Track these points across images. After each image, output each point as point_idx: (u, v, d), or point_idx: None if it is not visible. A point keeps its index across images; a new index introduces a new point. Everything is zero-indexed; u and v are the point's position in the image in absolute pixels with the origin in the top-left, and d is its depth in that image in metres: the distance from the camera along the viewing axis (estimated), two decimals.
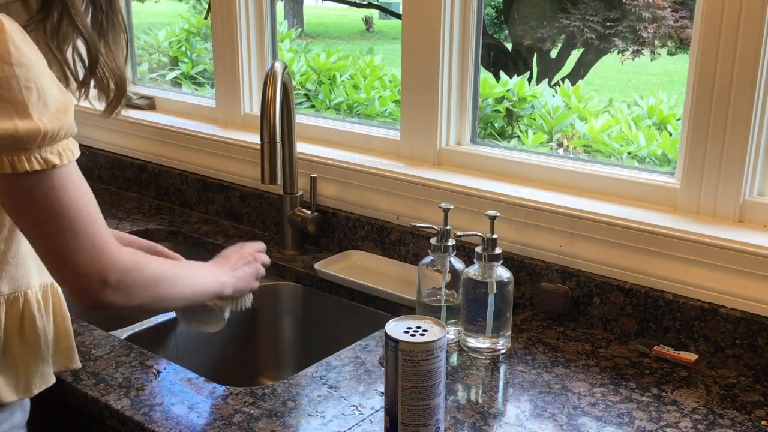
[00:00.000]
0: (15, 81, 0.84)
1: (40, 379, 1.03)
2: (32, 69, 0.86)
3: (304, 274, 1.59)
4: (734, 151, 1.24)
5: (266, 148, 1.43)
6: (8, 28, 0.85)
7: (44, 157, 0.87)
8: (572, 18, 3.39)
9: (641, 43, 3.39)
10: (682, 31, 3.26)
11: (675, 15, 3.24)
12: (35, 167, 0.86)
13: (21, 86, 0.85)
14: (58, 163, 0.88)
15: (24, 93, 0.85)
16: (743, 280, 1.20)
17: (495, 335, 1.24)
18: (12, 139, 0.84)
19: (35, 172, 0.86)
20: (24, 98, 0.85)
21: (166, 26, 3.45)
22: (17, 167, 0.85)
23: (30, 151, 0.86)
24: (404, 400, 0.97)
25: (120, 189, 2.11)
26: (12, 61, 0.84)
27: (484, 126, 2.80)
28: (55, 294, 1.06)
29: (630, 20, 3.31)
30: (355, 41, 6.20)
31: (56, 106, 0.88)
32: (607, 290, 1.32)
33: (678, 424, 1.06)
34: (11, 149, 0.85)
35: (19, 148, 0.85)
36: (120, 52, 1.02)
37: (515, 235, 1.42)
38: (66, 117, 0.89)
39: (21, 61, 0.85)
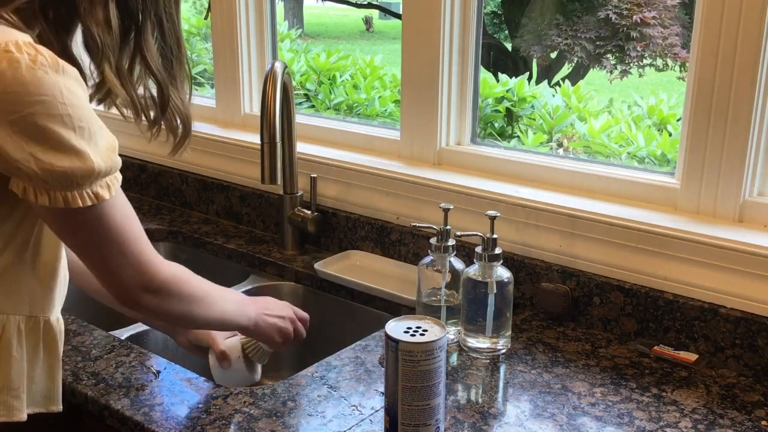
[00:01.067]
0: (69, 120, 0.87)
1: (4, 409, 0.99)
2: (85, 109, 0.88)
3: (304, 274, 1.59)
4: (734, 151, 1.24)
5: (266, 148, 1.43)
6: (63, 68, 0.87)
7: (95, 191, 0.91)
8: (563, 35, 3.40)
9: (628, 63, 3.40)
10: (670, 49, 3.26)
11: (664, 32, 3.24)
12: (87, 203, 0.90)
13: (75, 125, 0.87)
14: (107, 197, 0.92)
15: (78, 132, 0.88)
16: (743, 280, 1.20)
17: (495, 335, 1.24)
18: (66, 177, 0.87)
19: (87, 207, 0.90)
20: (78, 137, 0.88)
21: None
22: (70, 203, 0.89)
23: (82, 187, 0.89)
24: (404, 400, 0.97)
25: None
26: (66, 101, 0.86)
27: (484, 126, 2.81)
28: (49, 331, 1.03)
29: (619, 39, 3.31)
30: (355, 41, 6.20)
31: (105, 144, 0.91)
32: (607, 290, 1.32)
33: (678, 424, 1.06)
34: (65, 186, 0.88)
35: (72, 186, 0.88)
36: (185, 93, 1.05)
37: (515, 235, 1.42)
38: (115, 155, 0.93)
39: (73, 102, 0.87)
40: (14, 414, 1.00)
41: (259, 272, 1.65)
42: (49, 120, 0.85)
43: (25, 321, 1.01)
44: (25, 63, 0.84)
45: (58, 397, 1.07)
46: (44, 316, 1.03)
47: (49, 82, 0.85)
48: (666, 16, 3.26)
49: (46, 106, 0.85)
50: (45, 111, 0.85)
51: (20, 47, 0.85)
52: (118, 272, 0.96)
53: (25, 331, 1.01)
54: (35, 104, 0.85)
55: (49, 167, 0.86)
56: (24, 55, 0.84)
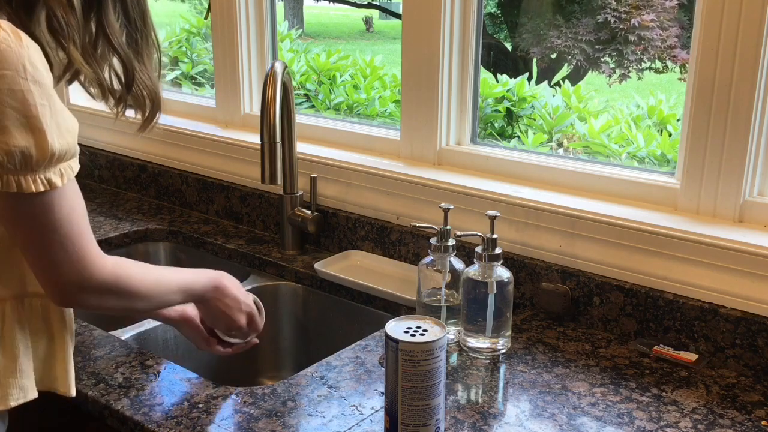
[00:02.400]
0: (30, 96, 0.85)
1: (18, 392, 0.99)
2: (47, 87, 0.87)
3: (304, 274, 1.59)
4: (734, 151, 1.24)
5: (266, 148, 1.43)
6: (26, 43, 0.85)
7: (48, 177, 0.88)
8: (563, 37, 3.40)
9: (627, 67, 3.40)
10: (669, 51, 3.26)
11: (663, 34, 3.23)
12: (39, 188, 0.88)
13: (36, 102, 0.85)
14: (59, 184, 0.90)
15: (39, 110, 0.86)
16: (743, 280, 1.20)
17: (495, 335, 1.24)
18: (22, 157, 0.85)
19: (38, 193, 0.88)
20: (38, 114, 0.86)
21: (166, 26, 3.45)
22: (23, 187, 0.87)
23: (36, 171, 0.87)
24: (404, 400, 0.97)
25: (120, 189, 2.11)
26: (28, 77, 0.84)
27: (484, 126, 2.80)
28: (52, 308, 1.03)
29: (618, 43, 3.31)
30: (355, 41, 6.20)
31: (66, 127, 0.89)
32: (607, 290, 1.32)
33: (678, 424, 1.06)
34: (19, 169, 0.86)
35: (27, 168, 0.86)
36: (153, 69, 1.04)
37: (515, 235, 1.42)
38: (73, 139, 0.91)
39: (36, 78, 0.85)
40: (29, 394, 1.01)
41: (259, 272, 1.65)
42: (9, 95, 0.83)
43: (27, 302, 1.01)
44: None
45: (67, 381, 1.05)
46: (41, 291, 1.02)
47: (12, 57, 0.83)
48: (665, 17, 3.26)
49: (8, 81, 0.83)
50: (6, 86, 0.83)
51: None
52: (56, 268, 0.93)
53: (28, 312, 1.01)
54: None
55: (4, 146, 0.84)
56: None
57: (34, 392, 1.02)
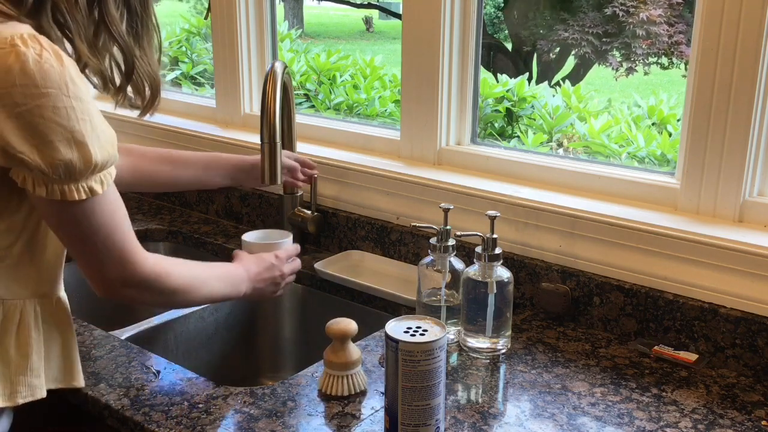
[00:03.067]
0: (73, 112, 0.89)
1: (27, 389, 1.02)
2: (87, 103, 0.91)
3: (304, 274, 1.59)
4: (734, 151, 1.24)
5: (266, 148, 1.43)
6: (66, 62, 0.89)
7: (89, 186, 0.94)
8: (570, 30, 3.40)
9: (634, 61, 3.40)
10: (676, 47, 3.26)
11: (670, 30, 3.24)
12: (82, 196, 0.93)
13: (78, 117, 0.90)
14: (101, 191, 0.95)
15: (81, 125, 0.90)
16: (743, 280, 1.20)
17: (495, 335, 1.24)
18: (67, 169, 0.90)
19: (81, 200, 0.93)
20: (81, 129, 0.90)
21: (166, 26, 3.45)
22: (66, 196, 0.92)
23: (78, 181, 0.92)
24: (404, 400, 0.97)
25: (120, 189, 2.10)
26: (70, 94, 0.89)
27: (484, 126, 2.81)
28: (61, 308, 1.08)
29: (625, 36, 3.31)
30: (355, 41, 6.20)
31: (105, 138, 0.94)
32: (607, 290, 1.32)
33: (678, 424, 1.06)
34: (64, 179, 0.91)
35: (71, 179, 0.91)
36: (153, 54, 1.07)
37: (515, 235, 1.42)
38: (113, 149, 0.96)
39: (77, 95, 0.90)
40: (37, 393, 1.04)
41: None
42: (54, 112, 0.88)
43: (40, 302, 1.05)
44: (32, 57, 0.86)
45: (77, 372, 1.10)
46: (55, 294, 1.07)
47: (54, 76, 0.87)
48: (671, 13, 3.26)
49: (52, 98, 0.87)
50: (51, 103, 0.87)
51: (26, 41, 0.87)
52: (100, 266, 0.99)
53: (41, 312, 1.05)
54: (41, 97, 0.87)
55: (50, 159, 0.89)
56: (30, 50, 0.87)
57: (43, 391, 1.04)
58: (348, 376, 1.11)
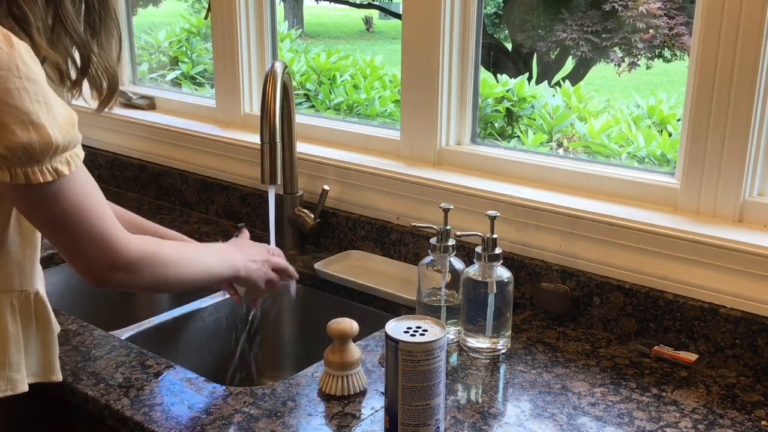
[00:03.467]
0: (26, 94, 0.88)
1: (6, 383, 1.02)
2: (40, 84, 0.90)
3: (304, 274, 1.59)
4: (734, 151, 1.24)
5: (266, 148, 1.43)
6: (16, 44, 0.88)
7: (55, 167, 0.91)
8: (568, 30, 3.39)
9: (636, 55, 3.39)
10: (677, 39, 3.25)
11: (671, 22, 3.23)
12: (47, 178, 0.91)
13: (32, 99, 0.88)
14: (67, 172, 0.93)
15: (35, 105, 0.88)
16: (743, 280, 1.20)
17: (495, 335, 1.24)
18: (26, 152, 0.88)
19: (47, 182, 0.91)
20: (36, 110, 0.88)
21: (166, 26, 3.45)
22: (31, 179, 0.90)
23: (42, 162, 0.90)
24: (404, 400, 0.97)
25: (120, 189, 2.10)
26: (21, 76, 0.87)
27: (484, 126, 2.81)
28: (39, 303, 1.07)
29: (626, 31, 3.30)
30: (355, 41, 6.20)
31: (63, 119, 0.92)
32: (607, 290, 1.32)
33: (678, 424, 1.06)
34: (25, 162, 0.89)
35: (32, 161, 0.89)
36: (112, 50, 1.05)
37: (515, 235, 1.42)
38: (74, 130, 0.94)
39: (29, 76, 0.88)
40: (18, 386, 1.04)
41: None
42: (6, 94, 0.86)
43: (17, 296, 1.04)
44: None
45: (55, 366, 1.10)
46: (33, 288, 1.06)
47: (4, 58, 0.86)
48: (671, 6, 3.25)
49: (3, 80, 0.86)
50: (2, 86, 0.86)
51: None
52: (82, 250, 0.97)
53: (18, 306, 1.04)
54: None
55: (7, 143, 0.87)
56: None
57: (24, 385, 1.05)
58: (348, 376, 1.11)
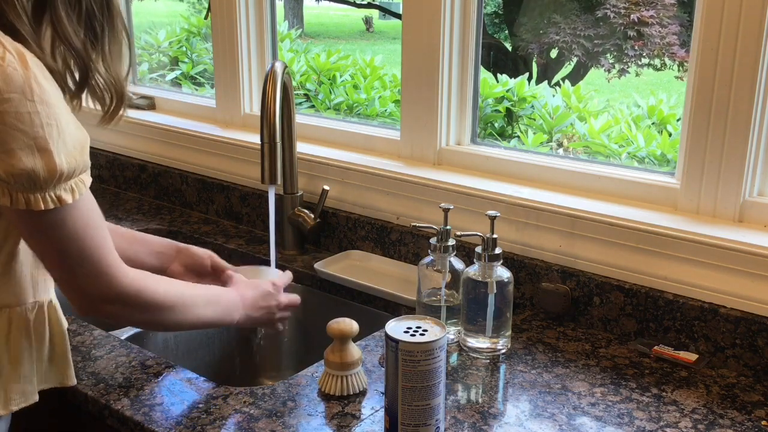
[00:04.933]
0: (37, 117, 0.85)
1: (20, 396, 1.01)
2: (54, 107, 0.87)
3: (304, 274, 1.59)
4: (734, 151, 1.24)
5: (266, 148, 1.43)
6: (31, 64, 0.85)
7: (58, 195, 0.89)
8: (561, 33, 3.40)
9: (626, 63, 3.40)
10: (668, 48, 3.26)
11: (662, 31, 3.23)
12: (49, 206, 0.89)
13: (43, 123, 0.85)
14: (70, 200, 0.90)
15: (45, 130, 0.86)
16: (743, 280, 1.20)
17: (495, 335, 1.24)
18: (29, 178, 0.86)
19: (48, 210, 0.89)
20: (45, 135, 0.86)
21: (166, 26, 3.45)
22: (32, 205, 0.88)
23: (45, 190, 0.88)
24: (404, 400, 0.97)
25: (120, 189, 2.11)
26: (35, 99, 0.85)
27: (484, 126, 2.81)
28: (52, 311, 1.05)
29: (617, 38, 3.31)
30: (355, 41, 6.20)
31: (74, 144, 0.90)
32: (607, 290, 1.32)
33: (678, 424, 1.06)
34: (28, 188, 0.87)
35: (35, 188, 0.87)
36: (119, 62, 1.01)
37: (515, 235, 1.42)
38: (82, 156, 0.91)
39: (43, 98, 0.85)
40: (29, 398, 1.03)
41: None
42: (17, 118, 0.84)
43: (30, 308, 1.02)
44: None
45: (70, 371, 1.08)
46: (47, 297, 1.04)
47: (17, 79, 0.83)
48: (664, 14, 3.26)
49: (14, 104, 0.83)
50: (13, 109, 0.83)
51: None
52: (76, 280, 0.95)
53: (32, 319, 1.02)
54: (3, 102, 0.83)
55: (11, 168, 0.85)
56: None
57: (35, 396, 1.04)
58: (348, 376, 1.11)
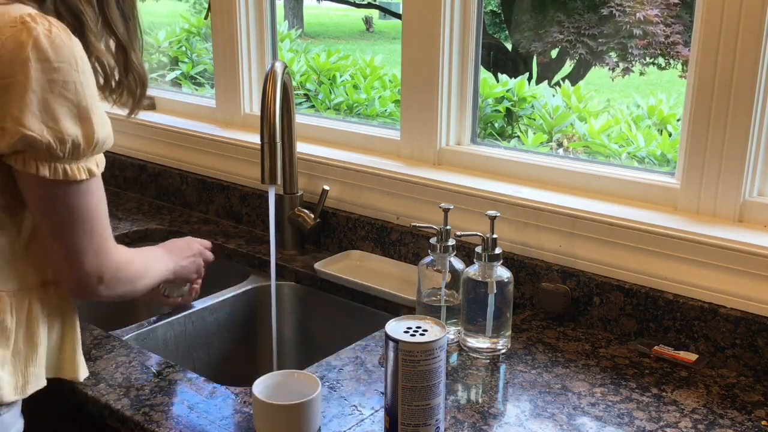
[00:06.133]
0: (81, 87, 0.91)
1: (35, 380, 1.03)
2: (91, 79, 0.93)
3: (304, 274, 1.59)
4: (734, 151, 1.24)
5: (266, 148, 1.43)
6: (74, 38, 0.91)
7: (88, 167, 0.95)
8: (565, 32, 3.40)
9: (631, 61, 3.40)
10: (673, 47, 3.26)
11: (667, 30, 3.23)
12: (83, 176, 0.95)
13: (85, 93, 0.92)
14: (97, 173, 0.97)
15: (87, 100, 0.92)
16: (743, 280, 1.20)
17: (495, 335, 1.24)
18: (73, 146, 0.91)
19: (80, 180, 0.94)
20: (87, 105, 0.92)
21: (166, 26, 3.45)
22: (68, 175, 0.93)
23: (79, 160, 0.94)
24: (404, 400, 0.97)
25: (120, 189, 2.11)
26: (79, 69, 0.91)
27: (484, 126, 2.81)
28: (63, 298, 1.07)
29: (622, 36, 3.31)
30: (355, 41, 6.20)
31: (104, 118, 0.96)
32: (607, 290, 1.32)
33: (678, 424, 1.06)
34: (68, 157, 0.92)
35: (74, 157, 0.92)
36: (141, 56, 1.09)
37: (515, 235, 1.42)
38: (110, 129, 0.97)
39: (85, 70, 0.92)
40: (40, 382, 1.04)
41: (259, 272, 1.65)
42: (65, 87, 0.89)
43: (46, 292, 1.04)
44: (43, 32, 0.88)
45: (76, 365, 1.10)
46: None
47: (65, 50, 0.89)
48: (668, 14, 3.26)
49: (63, 73, 0.89)
50: (62, 78, 0.89)
51: (35, 18, 0.89)
52: (79, 257, 0.98)
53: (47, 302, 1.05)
54: (54, 71, 0.88)
55: (61, 135, 0.90)
56: (40, 26, 0.88)
57: (44, 380, 1.05)
58: None
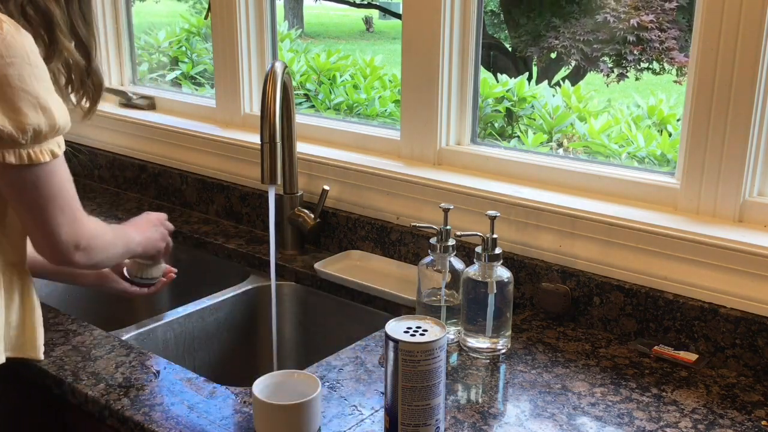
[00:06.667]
0: (35, 79, 0.96)
1: None
2: (45, 70, 0.98)
3: (304, 274, 1.59)
4: (734, 151, 1.24)
5: (266, 148, 1.43)
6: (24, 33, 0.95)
7: (51, 149, 1.00)
8: (561, 38, 3.40)
9: (625, 67, 3.41)
10: (667, 53, 3.26)
11: (662, 36, 3.23)
12: (46, 158, 0.99)
13: (40, 84, 0.96)
14: (59, 154, 1.01)
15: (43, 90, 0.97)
16: (743, 280, 1.20)
17: (495, 335, 1.24)
18: (35, 133, 0.96)
19: (44, 162, 0.99)
20: (44, 94, 0.97)
21: (166, 26, 3.45)
22: (33, 159, 0.98)
23: (42, 144, 0.98)
24: (404, 400, 0.97)
25: (120, 189, 2.10)
26: (31, 62, 0.95)
27: (484, 126, 2.81)
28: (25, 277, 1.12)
29: (616, 42, 3.31)
30: (355, 41, 6.20)
31: (59, 103, 1.00)
32: (607, 290, 1.32)
33: (678, 424, 1.06)
34: (31, 143, 0.96)
35: (36, 141, 0.97)
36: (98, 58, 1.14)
37: (515, 235, 1.42)
38: (66, 113, 1.02)
39: (37, 63, 0.98)
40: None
41: (259, 272, 1.65)
42: (20, 80, 0.94)
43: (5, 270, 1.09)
44: None
45: (36, 343, 1.14)
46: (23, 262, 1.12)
47: (17, 46, 0.94)
48: (664, 19, 3.26)
49: (17, 67, 0.94)
50: (16, 72, 0.94)
51: None
52: (56, 230, 1.04)
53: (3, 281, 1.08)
54: (7, 67, 0.93)
55: (22, 125, 0.95)
56: None
57: (2, 357, 1.08)
58: None
